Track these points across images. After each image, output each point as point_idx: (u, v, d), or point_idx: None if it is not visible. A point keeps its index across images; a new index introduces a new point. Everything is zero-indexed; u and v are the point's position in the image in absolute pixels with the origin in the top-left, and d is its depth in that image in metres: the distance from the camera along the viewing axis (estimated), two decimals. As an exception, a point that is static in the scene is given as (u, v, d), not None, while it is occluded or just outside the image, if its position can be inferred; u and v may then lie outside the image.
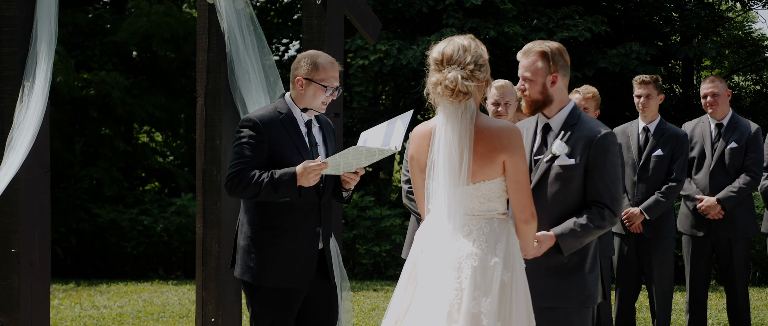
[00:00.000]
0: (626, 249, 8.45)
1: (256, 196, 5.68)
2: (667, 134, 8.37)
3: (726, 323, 10.32)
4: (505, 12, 17.23)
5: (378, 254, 15.88)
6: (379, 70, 17.18)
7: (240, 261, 5.89)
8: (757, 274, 14.39)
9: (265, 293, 5.82)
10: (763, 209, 13.23)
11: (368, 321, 11.00)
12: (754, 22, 27.30)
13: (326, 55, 5.97)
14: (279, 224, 5.79)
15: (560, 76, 5.22)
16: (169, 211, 16.51)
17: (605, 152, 5.12)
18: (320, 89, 5.88)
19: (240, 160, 5.72)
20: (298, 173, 5.61)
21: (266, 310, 5.82)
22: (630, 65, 17.35)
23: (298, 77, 5.88)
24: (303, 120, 5.94)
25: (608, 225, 5.12)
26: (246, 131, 5.78)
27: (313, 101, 5.91)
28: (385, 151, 5.55)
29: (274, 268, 5.77)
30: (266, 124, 5.78)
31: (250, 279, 5.83)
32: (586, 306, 5.20)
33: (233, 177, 5.71)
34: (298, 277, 5.83)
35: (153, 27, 17.43)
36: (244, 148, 5.75)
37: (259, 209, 5.82)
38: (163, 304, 12.36)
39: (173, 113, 18.66)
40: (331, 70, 5.90)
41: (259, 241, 5.81)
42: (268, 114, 5.85)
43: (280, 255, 5.78)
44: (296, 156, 5.80)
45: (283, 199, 5.69)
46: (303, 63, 5.89)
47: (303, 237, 5.83)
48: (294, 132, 5.86)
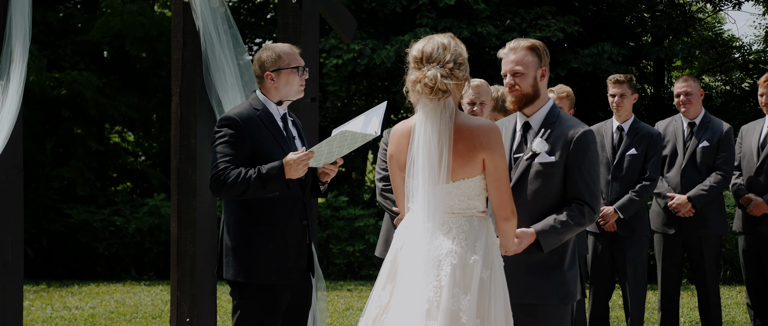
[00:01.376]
0: (600, 247, 8.48)
1: (244, 193, 5.61)
2: (641, 133, 8.40)
3: (697, 321, 10.37)
4: (479, 12, 17.28)
5: (352, 254, 15.88)
6: (353, 70, 17.18)
7: (231, 262, 5.79)
8: (728, 273, 14.47)
9: (256, 291, 5.76)
10: (734, 208, 13.37)
11: (342, 320, 10.99)
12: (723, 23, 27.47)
13: (280, 44, 5.98)
14: (268, 220, 5.74)
15: (547, 71, 5.28)
16: (141, 212, 16.44)
17: (585, 150, 5.16)
18: (291, 72, 5.87)
19: (223, 159, 5.65)
20: (286, 166, 5.60)
21: (256, 308, 5.77)
22: (602, 65, 17.43)
23: (267, 72, 5.86)
24: (279, 114, 5.92)
25: (588, 222, 5.16)
26: (226, 129, 5.72)
27: (289, 88, 5.89)
28: (366, 136, 5.53)
29: (267, 265, 5.72)
30: (246, 121, 5.74)
31: (243, 279, 5.75)
32: (565, 303, 5.23)
33: (218, 176, 5.63)
34: (291, 272, 5.81)
35: (126, 26, 17.35)
36: (226, 147, 5.68)
37: (245, 207, 5.75)
38: (135, 305, 12.30)
39: (145, 113, 18.58)
40: (292, 52, 5.91)
41: (249, 240, 5.74)
42: (246, 111, 5.81)
43: (272, 252, 5.73)
44: (278, 150, 5.77)
45: (272, 194, 5.66)
46: (265, 58, 5.87)
47: (292, 231, 5.81)
48: (273, 127, 5.84)
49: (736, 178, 8.74)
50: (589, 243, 8.51)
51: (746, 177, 8.67)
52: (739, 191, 8.66)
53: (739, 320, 10.62)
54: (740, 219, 8.73)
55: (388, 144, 5.06)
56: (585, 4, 19.65)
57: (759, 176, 8.56)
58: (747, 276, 8.81)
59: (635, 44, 19.87)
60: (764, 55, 24.20)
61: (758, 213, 8.50)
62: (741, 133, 8.92)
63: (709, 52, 25.51)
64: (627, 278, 8.40)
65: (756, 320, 8.80)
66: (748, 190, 8.61)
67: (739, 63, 24.83)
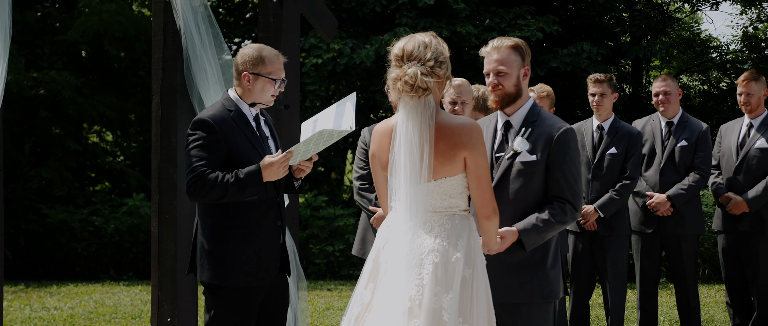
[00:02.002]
0: (581, 246, 8.50)
1: (222, 198, 5.57)
2: (621, 132, 8.43)
3: (677, 320, 10.42)
4: (458, 12, 17.29)
5: (331, 254, 15.87)
6: (333, 69, 17.17)
7: (206, 264, 5.75)
8: (706, 272, 14.53)
9: (230, 293, 5.73)
10: (712, 207, 13.42)
11: (323, 320, 10.98)
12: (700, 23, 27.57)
13: (269, 48, 5.91)
14: (243, 222, 5.71)
15: (529, 70, 5.29)
16: (120, 212, 16.38)
17: (566, 148, 5.17)
18: (269, 82, 5.82)
19: (199, 163, 5.60)
20: (263, 169, 5.57)
21: (230, 310, 5.74)
22: (581, 65, 17.48)
23: (245, 72, 5.80)
24: (252, 115, 5.88)
25: (570, 220, 5.17)
26: (200, 133, 5.66)
27: (262, 95, 5.85)
28: (342, 131, 5.53)
29: (243, 267, 5.69)
30: (220, 123, 5.68)
31: (218, 282, 5.71)
32: (548, 301, 5.25)
33: (195, 181, 5.57)
34: (265, 274, 5.78)
35: (104, 26, 17.27)
36: (201, 150, 5.62)
37: (221, 210, 5.71)
38: (114, 305, 12.25)
39: (124, 112, 18.51)
40: (277, 62, 5.86)
41: (225, 242, 5.70)
42: (219, 113, 5.75)
43: (247, 254, 5.70)
44: (252, 152, 5.73)
45: (251, 198, 5.64)
46: (248, 58, 5.81)
47: (267, 233, 5.78)
48: (246, 128, 5.79)
49: (715, 177, 8.78)
50: (570, 242, 8.53)
51: (726, 177, 8.71)
52: (719, 190, 8.69)
53: (718, 319, 10.67)
54: (720, 218, 8.76)
55: (370, 143, 5.05)
56: (564, 3, 19.70)
57: (738, 175, 8.61)
58: (726, 275, 8.85)
59: (614, 44, 19.93)
60: (742, 55, 24.30)
61: (737, 212, 8.54)
62: (720, 133, 8.96)
63: (687, 51, 25.60)
64: (607, 277, 8.42)
65: (735, 319, 8.84)
66: (728, 189, 8.65)
67: (716, 63, 24.92)
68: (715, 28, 30.73)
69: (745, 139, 8.65)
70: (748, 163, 8.58)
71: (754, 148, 8.56)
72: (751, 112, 8.68)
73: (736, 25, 45.18)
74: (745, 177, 8.57)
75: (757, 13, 24.69)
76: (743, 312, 8.81)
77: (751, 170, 8.55)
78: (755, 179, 8.52)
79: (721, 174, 8.77)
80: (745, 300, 8.81)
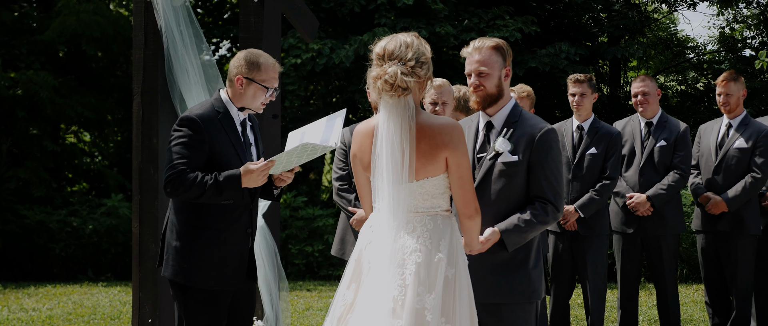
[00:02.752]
0: (561, 246, 8.52)
1: (199, 198, 5.56)
2: (600, 132, 8.45)
3: (656, 319, 10.46)
4: (437, 12, 17.31)
5: (311, 254, 15.86)
6: (312, 69, 17.16)
7: (172, 261, 5.74)
8: (685, 271, 14.60)
9: (197, 293, 5.72)
10: (691, 207, 13.48)
11: (303, 321, 10.97)
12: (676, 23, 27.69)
13: (267, 55, 5.89)
14: (214, 225, 5.69)
15: (511, 71, 5.29)
16: (98, 212, 16.32)
17: (547, 149, 5.18)
18: (261, 90, 5.80)
19: (180, 161, 5.58)
20: (244, 175, 5.56)
21: (200, 310, 5.73)
22: (560, 65, 17.53)
23: (239, 76, 5.78)
24: (239, 119, 5.86)
25: (551, 221, 5.18)
26: (185, 130, 5.64)
27: (252, 101, 5.83)
28: (326, 147, 5.54)
29: (209, 270, 5.68)
30: (206, 123, 5.66)
31: (182, 281, 5.71)
32: (530, 302, 5.26)
33: (174, 178, 5.56)
34: (231, 278, 5.77)
35: (82, 25, 17.21)
36: (184, 148, 5.61)
37: (193, 210, 5.69)
38: (93, 306, 12.21)
39: (102, 113, 18.44)
40: (272, 71, 5.83)
41: (193, 242, 5.68)
42: (207, 112, 5.73)
43: (215, 257, 5.69)
44: (234, 157, 5.72)
45: (227, 201, 5.63)
46: (244, 61, 5.78)
47: (236, 238, 5.77)
48: (232, 132, 5.78)
49: (694, 177, 8.81)
50: (550, 242, 8.55)
51: (705, 177, 8.75)
52: (698, 190, 8.73)
53: (696, 318, 10.72)
54: (699, 218, 8.80)
55: (351, 143, 5.05)
56: (542, 4, 19.75)
57: (717, 175, 8.64)
58: (705, 274, 8.89)
59: (592, 44, 20.00)
60: (718, 56, 24.42)
61: (717, 212, 8.57)
62: (699, 133, 9.00)
63: (664, 52, 25.71)
64: (587, 277, 8.44)
65: (714, 318, 8.88)
66: (707, 189, 8.69)
67: (693, 63, 25.04)
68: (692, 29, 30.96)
69: (724, 139, 8.69)
70: (727, 163, 8.62)
71: (733, 148, 8.60)
72: (730, 112, 8.72)
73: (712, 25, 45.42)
74: (724, 177, 8.61)
75: (734, 13, 24.82)
76: (722, 311, 8.86)
77: (730, 170, 8.60)
78: (734, 179, 8.56)
79: (700, 175, 8.81)
80: (724, 299, 8.85)
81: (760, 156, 8.49)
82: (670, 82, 25.36)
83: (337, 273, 15.74)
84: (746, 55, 23.34)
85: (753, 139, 8.53)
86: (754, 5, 23.96)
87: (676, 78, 25.25)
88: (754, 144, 8.52)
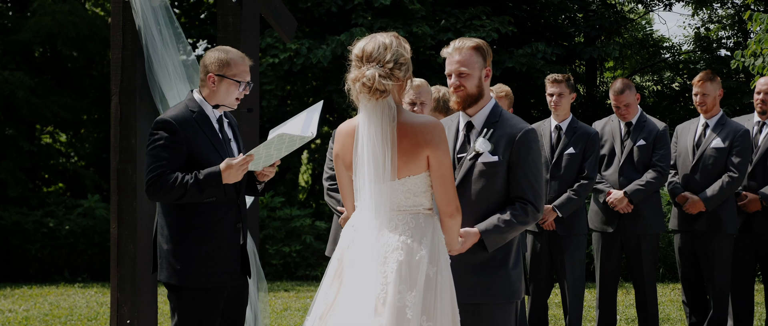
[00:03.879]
0: (539, 246, 8.54)
1: (181, 198, 5.58)
2: (578, 132, 8.47)
3: (634, 318, 10.50)
4: (414, 12, 17.33)
5: (288, 254, 15.84)
6: (289, 69, 17.14)
7: (165, 264, 5.75)
8: (662, 270, 14.66)
9: (192, 293, 5.72)
10: (665, 206, 13.54)
11: (281, 321, 10.95)
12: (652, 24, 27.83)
13: (236, 50, 5.92)
14: (203, 223, 5.71)
15: (491, 71, 5.30)
16: (75, 213, 16.25)
17: (527, 149, 5.18)
18: (233, 84, 5.82)
19: (159, 163, 5.61)
20: (223, 171, 5.57)
21: (194, 310, 5.74)
22: (536, 65, 17.58)
23: (210, 74, 5.81)
24: (215, 117, 5.88)
25: (531, 221, 5.18)
26: (161, 133, 5.66)
27: (226, 97, 5.85)
28: (304, 138, 5.54)
29: (202, 268, 5.69)
30: (182, 124, 5.68)
31: (177, 282, 5.71)
32: (510, 302, 5.26)
33: (154, 181, 5.59)
34: (225, 275, 5.78)
35: (57, 25, 17.14)
36: (162, 150, 5.63)
37: (180, 210, 5.71)
38: (70, 307, 12.15)
39: (78, 113, 18.37)
40: (243, 65, 5.86)
41: (183, 242, 5.70)
42: (182, 113, 5.75)
43: (206, 254, 5.70)
44: (213, 154, 5.74)
45: (209, 199, 5.63)
46: (213, 59, 5.81)
47: (226, 234, 5.78)
48: (209, 130, 5.79)
49: (672, 177, 8.85)
50: (528, 242, 8.57)
51: (682, 176, 8.78)
52: (675, 190, 8.77)
53: (674, 317, 10.77)
54: (676, 218, 8.84)
55: (334, 143, 5.05)
56: (518, 4, 19.80)
57: (694, 175, 8.68)
58: (683, 274, 8.93)
59: (568, 44, 20.07)
60: (694, 56, 24.54)
61: (694, 212, 8.61)
62: (676, 133, 9.03)
63: (640, 52, 25.83)
64: (565, 276, 8.46)
65: (691, 317, 8.92)
66: (684, 189, 8.73)
67: (669, 63, 25.17)
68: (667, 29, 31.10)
69: (701, 138, 8.73)
70: (704, 163, 8.66)
71: (710, 147, 8.64)
72: (707, 112, 8.76)
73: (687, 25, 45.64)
74: (702, 177, 8.65)
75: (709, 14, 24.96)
76: (699, 310, 8.90)
77: (707, 170, 8.63)
78: (711, 179, 8.60)
79: (678, 174, 8.85)
80: (701, 298, 8.89)
81: (737, 155, 8.54)
82: (646, 82, 25.48)
83: (314, 273, 15.73)
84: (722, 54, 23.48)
85: (730, 138, 8.58)
86: (729, 5, 24.10)
87: (652, 78, 25.38)
88: (730, 144, 8.56)
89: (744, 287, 8.86)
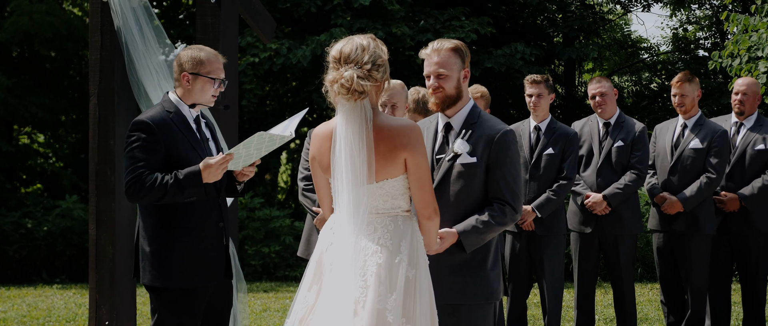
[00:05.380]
0: (518, 246, 8.55)
1: (162, 199, 5.56)
2: (557, 133, 8.50)
3: (613, 318, 10.53)
4: (393, 13, 17.34)
5: (267, 255, 15.82)
6: (269, 68, 17.13)
7: (148, 266, 5.72)
8: (640, 270, 14.71)
9: (174, 295, 5.70)
10: (644, 206, 13.59)
11: (260, 322, 10.94)
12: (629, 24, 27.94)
13: (208, 48, 5.92)
14: (185, 224, 5.69)
15: (469, 72, 5.31)
16: (53, 214, 16.18)
17: (506, 150, 5.19)
18: (208, 82, 5.82)
19: (138, 165, 5.59)
20: (203, 170, 5.56)
21: (175, 312, 5.71)
22: (515, 65, 17.62)
23: (184, 73, 5.81)
24: (192, 116, 5.87)
25: (510, 222, 5.19)
26: (139, 134, 5.65)
27: (202, 96, 5.85)
28: (283, 137, 5.54)
29: (186, 269, 5.67)
30: (159, 125, 5.67)
31: (161, 284, 5.69)
32: (489, 302, 5.27)
33: (134, 182, 5.57)
34: (209, 275, 5.76)
35: (35, 26, 17.07)
36: (140, 152, 5.61)
37: (162, 212, 5.69)
38: (48, 309, 12.10)
39: (56, 113, 18.30)
40: (216, 62, 5.87)
41: (167, 244, 5.68)
42: (158, 114, 5.74)
43: (190, 255, 5.68)
44: (192, 153, 5.72)
45: (190, 199, 5.62)
46: (187, 59, 5.82)
47: (209, 234, 5.77)
48: (186, 130, 5.79)
49: (650, 177, 8.88)
50: (507, 242, 8.59)
51: (660, 177, 8.81)
52: (654, 190, 8.80)
53: (652, 317, 10.81)
54: (655, 218, 8.87)
55: (310, 145, 5.05)
56: (497, 4, 19.84)
57: (672, 175, 8.72)
58: (661, 273, 8.96)
59: (547, 45, 20.12)
60: (672, 56, 24.65)
61: (672, 212, 8.64)
62: (655, 133, 9.07)
63: (618, 52, 25.93)
64: (544, 276, 8.48)
65: (669, 316, 8.96)
66: (663, 189, 8.76)
67: (647, 64, 25.27)
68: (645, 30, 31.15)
69: (680, 139, 8.77)
70: (682, 164, 8.69)
71: (688, 148, 8.68)
72: (685, 113, 8.79)
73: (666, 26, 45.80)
74: (680, 178, 8.68)
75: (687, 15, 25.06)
76: (677, 310, 8.93)
77: (685, 170, 8.67)
78: (690, 179, 8.64)
79: (656, 175, 8.88)
80: (678, 298, 8.93)
81: (715, 156, 8.57)
82: (624, 82, 25.58)
83: (294, 274, 15.72)
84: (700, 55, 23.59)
85: (708, 139, 8.61)
86: (706, 6, 24.21)
87: (631, 78, 25.48)
88: (709, 144, 8.60)
89: (721, 286, 8.90)
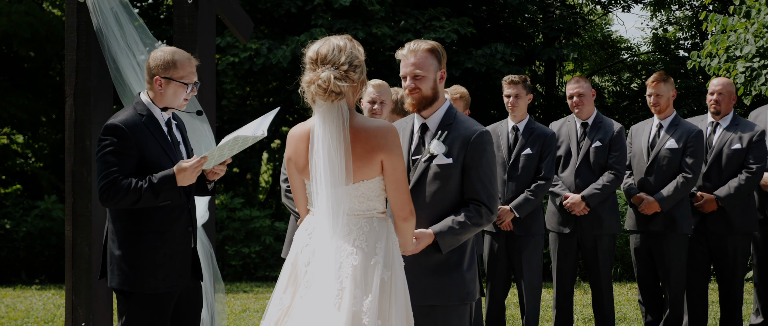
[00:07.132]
0: (496, 246, 8.57)
1: (136, 203, 5.52)
2: (535, 133, 8.52)
3: (591, 318, 10.56)
4: (374, 13, 17.34)
5: (247, 255, 15.79)
6: (249, 68, 17.10)
7: (116, 270, 5.69)
8: (618, 270, 14.75)
9: (141, 298, 5.67)
10: (622, 207, 13.63)
11: (239, 322, 10.92)
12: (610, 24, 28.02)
13: (182, 51, 5.87)
14: (155, 228, 5.65)
15: (445, 73, 5.32)
16: (32, 214, 16.12)
17: (482, 151, 5.20)
18: (181, 87, 5.78)
19: (111, 169, 5.54)
20: (178, 174, 5.54)
21: (143, 315, 5.68)
22: (495, 65, 17.64)
23: (157, 76, 5.75)
24: (164, 120, 5.83)
25: (485, 223, 5.20)
26: (111, 138, 5.59)
27: (174, 100, 5.80)
28: (256, 137, 5.52)
29: (153, 272, 5.64)
30: (132, 128, 5.62)
31: (128, 288, 5.65)
32: (465, 303, 5.27)
33: (108, 187, 5.52)
34: (176, 279, 5.74)
35: (13, 26, 17.00)
36: (113, 156, 5.57)
37: (131, 215, 5.65)
38: (27, 310, 12.06)
39: (35, 114, 18.22)
40: (189, 66, 5.81)
41: (135, 248, 5.64)
42: (131, 117, 5.69)
43: (159, 260, 5.65)
44: (164, 157, 5.69)
45: (164, 203, 5.59)
46: (159, 62, 5.75)
47: (178, 238, 5.74)
48: (158, 133, 5.75)
49: (627, 178, 8.90)
50: (486, 243, 8.60)
51: (637, 177, 8.84)
52: (631, 190, 8.83)
53: (630, 316, 10.84)
54: (632, 218, 8.90)
55: (287, 147, 5.05)
56: (478, 5, 19.86)
57: (649, 176, 8.74)
58: (638, 273, 8.99)
59: (527, 45, 20.16)
60: (652, 57, 24.73)
61: (649, 212, 8.67)
62: (631, 134, 9.09)
63: (599, 53, 25.99)
64: (523, 276, 8.50)
65: (647, 316, 8.99)
66: (640, 190, 8.78)
67: (628, 64, 25.34)
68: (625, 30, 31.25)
69: (656, 139, 8.79)
70: (658, 164, 8.72)
71: (664, 148, 8.71)
72: (661, 113, 8.82)
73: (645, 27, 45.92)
74: (656, 178, 8.71)
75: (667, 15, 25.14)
76: (655, 309, 8.97)
77: (661, 170, 8.70)
78: (666, 179, 8.67)
79: (633, 175, 8.91)
80: (656, 297, 8.96)
81: (691, 156, 8.61)
82: (604, 82, 25.64)
83: (274, 274, 15.69)
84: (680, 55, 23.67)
85: (683, 139, 8.64)
86: (686, 7, 24.30)
87: (611, 78, 25.54)
88: (684, 144, 8.63)
89: (699, 286, 8.93)
